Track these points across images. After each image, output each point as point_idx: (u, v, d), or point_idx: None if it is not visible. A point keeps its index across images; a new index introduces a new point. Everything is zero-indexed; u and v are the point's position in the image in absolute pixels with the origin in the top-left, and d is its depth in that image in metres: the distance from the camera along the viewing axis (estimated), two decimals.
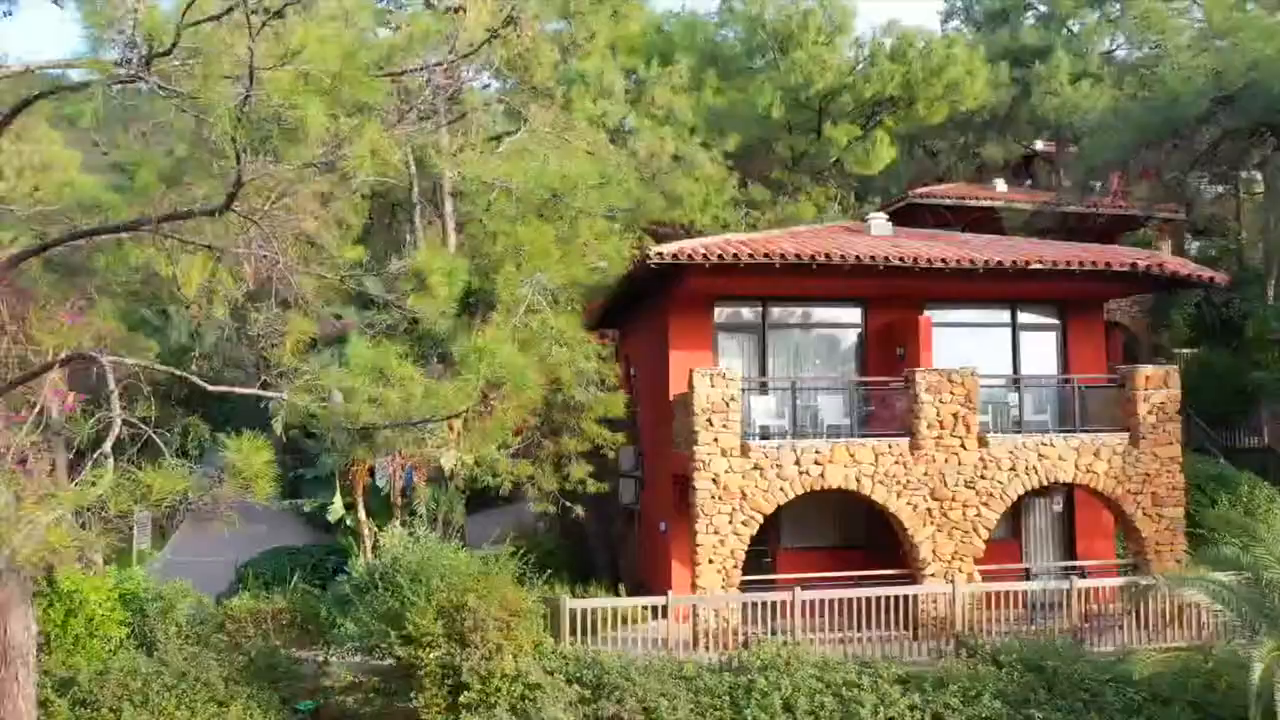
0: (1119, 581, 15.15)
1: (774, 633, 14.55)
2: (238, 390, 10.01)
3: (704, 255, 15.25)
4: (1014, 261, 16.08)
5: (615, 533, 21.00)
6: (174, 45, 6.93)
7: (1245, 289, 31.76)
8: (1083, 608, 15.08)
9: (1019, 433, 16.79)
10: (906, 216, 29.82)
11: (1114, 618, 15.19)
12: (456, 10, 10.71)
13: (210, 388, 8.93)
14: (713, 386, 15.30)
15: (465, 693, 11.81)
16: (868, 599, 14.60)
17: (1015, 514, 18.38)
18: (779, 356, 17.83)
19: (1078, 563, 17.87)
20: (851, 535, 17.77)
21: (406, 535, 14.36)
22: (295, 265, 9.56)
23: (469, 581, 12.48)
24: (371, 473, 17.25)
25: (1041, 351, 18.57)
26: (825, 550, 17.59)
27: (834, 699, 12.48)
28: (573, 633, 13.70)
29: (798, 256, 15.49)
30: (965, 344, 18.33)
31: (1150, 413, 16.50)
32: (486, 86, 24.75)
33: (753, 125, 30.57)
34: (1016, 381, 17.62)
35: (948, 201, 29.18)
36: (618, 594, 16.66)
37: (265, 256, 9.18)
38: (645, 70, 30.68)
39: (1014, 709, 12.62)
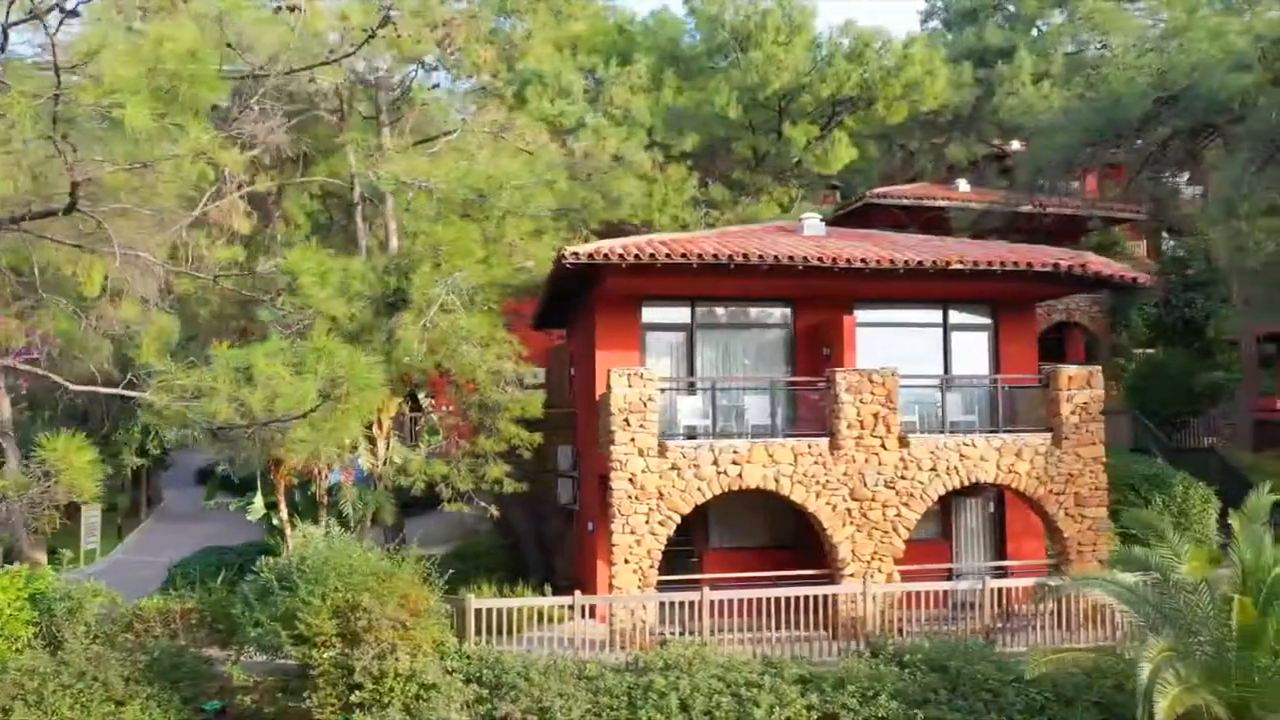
0: (1030, 582, 15.12)
1: (692, 633, 14.59)
2: (102, 390, 9.99)
3: (620, 255, 15.24)
4: (934, 262, 16.07)
5: (553, 532, 21.01)
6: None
7: (1212, 289, 31.83)
8: (996, 608, 15.07)
9: (951, 433, 16.80)
10: (865, 216, 29.94)
11: (1027, 618, 15.18)
12: (291, 9, 10.66)
13: (73, 387, 8.93)
14: (630, 386, 15.30)
15: (357, 692, 11.82)
16: (778, 599, 14.61)
17: (946, 514, 18.42)
18: (708, 356, 17.83)
19: (1005, 563, 17.91)
20: (780, 535, 17.78)
21: (320, 534, 14.35)
22: (165, 265, 9.55)
23: (368, 581, 12.47)
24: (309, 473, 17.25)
25: (974, 351, 18.57)
26: (753, 550, 17.62)
27: (731, 699, 12.48)
28: (480, 632, 13.70)
29: (715, 257, 15.49)
30: (896, 344, 18.37)
31: (1073, 413, 16.50)
32: (435, 86, 24.75)
33: (712, 125, 30.54)
34: (945, 381, 17.59)
35: (905, 202, 29.22)
36: (543, 594, 16.67)
37: (126, 255, 9.17)
38: (604, 70, 30.70)
39: (912, 709, 12.60)
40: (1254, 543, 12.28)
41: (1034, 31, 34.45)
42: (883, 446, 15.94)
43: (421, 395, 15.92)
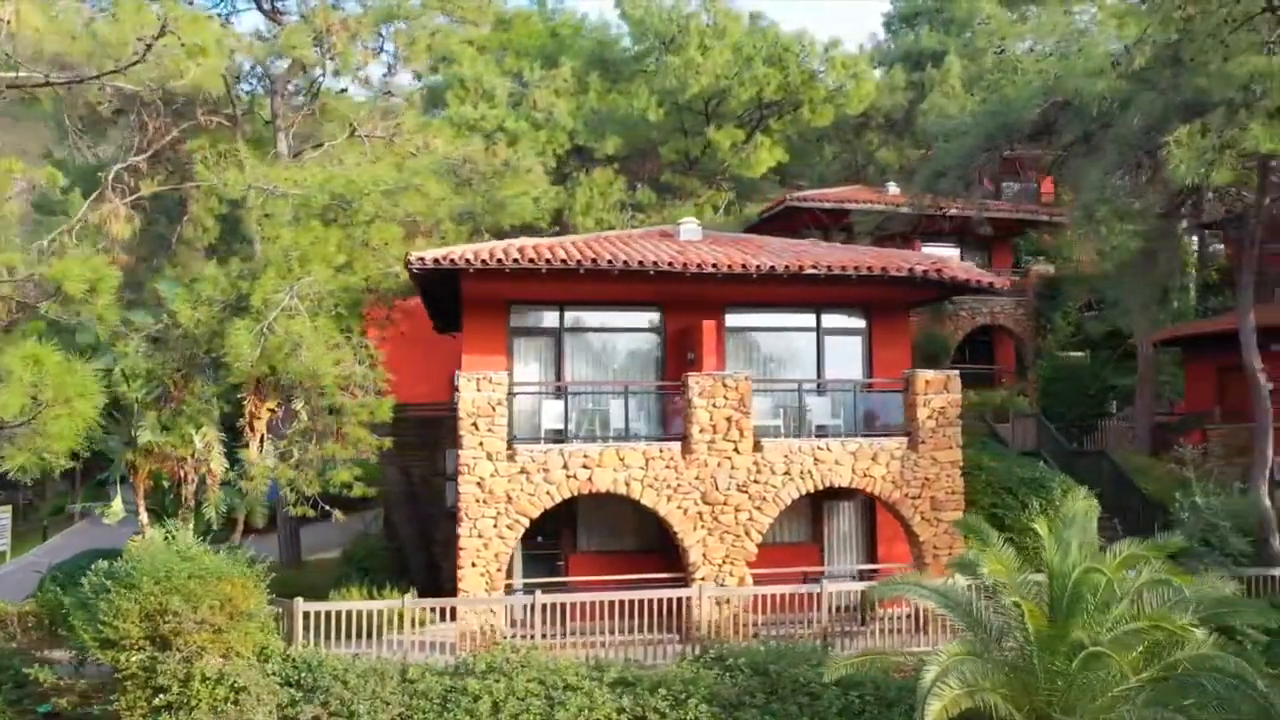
0: (861, 586, 15.19)
1: (541, 636, 14.71)
2: None
3: (467, 261, 15.34)
4: (786, 266, 16.16)
5: (443, 535, 21.08)
6: None
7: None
8: (835, 612, 15.15)
9: (819, 436, 16.91)
10: (789, 220, 30.03)
11: (865, 622, 15.27)
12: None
13: None
14: (478, 390, 15.39)
15: (162, 695, 11.91)
16: (617, 602, 14.69)
17: (817, 517, 18.50)
18: (579, 361, 17.91)
19: (874, 566, 17.97)
20: (647, 539, 17.82)
21: (161, 537, 14.43)
22: None
23: (188, 584, 12.55)
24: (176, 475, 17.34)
25: (849, 355, 18.64)
26: (620, 554, 17.68)
27: (544, 702, 12.57)
28: (310, 635, 13.77)
29: (564, 261, 15.58)
30: (771, 348, 18.52)
31: (930, 417, 16.57)
32: (344, 90, 24.86)
33: (637, 129, 30.71)
34: (802, 385, 17.68)
35: (826, 205, 29.24)
36: (419, 595, 16.80)
37: None
38: (530, 73, 30.84)
39: (726, 712, 12.71)
40: (1061, 548, 12.34)
41: (968, 34, 34.54)
42: (736, 450, 16.02)
43: (296, 400, 15.99)
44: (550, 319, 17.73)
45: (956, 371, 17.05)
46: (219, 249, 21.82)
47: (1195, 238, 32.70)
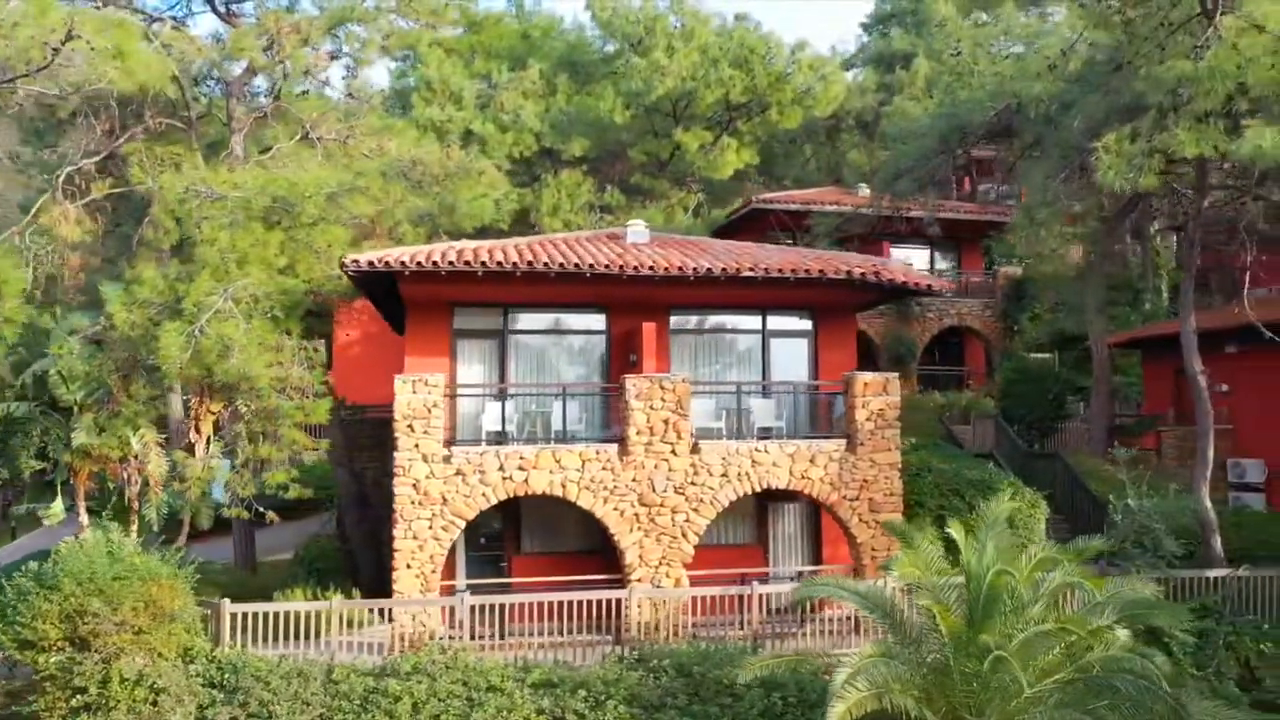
0: (788, 588, 15.22)
1: (476, 637, 14.79)
2: None
3: (401, 263, 15.39)
4: (723, 269, 16.21)
5: (390, 536, 21.12)
6: None
7: (1125, 293, 31.96)
8: (766, 613, 15.19)
9: (763, 439, 16.97)
10: (755, 221, 30.10)
11: (804, 623, 15.30)
12: None
13: None
14: (414, 393, 15.43)
15: (80, 696, 11.95)
16: (547, 603, 14.73)
17: (762, 519, 18.55)
18: (523, 363, 17.94)
19: (818, 567, 18.02)
20: (591, 540, 17.84)
21: (94, 538, 14.46)
22: None
23: (112, 586, 12.59)
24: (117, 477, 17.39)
25: (794, 357, 18.68)
26: (563, 555, 17.71)
27: (464, 703, 12.61)
28: (238, 636, 13.80)
29: (499, 264, 15.64)
30: (716, 350, 18.56)
31: (869, 419, 16.61)
32: (305, 92, 24.91)
33: (604, 131, 30.78)
34: (760, 387, 17.74)
35: (793, 207, 29.28)
36: (351, 596, 16.85)
37: None
38: (498, 75, 30.92)
39: (646, 713, 12.73)
40: (978, 550, 12.38)
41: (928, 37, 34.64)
42: (673, 452, 16.06)
43: (240, 401, 16.03)
44: (494, 321, 17.75)
45: (895, 374, 17.09)
46: (181, 250, 21.90)
47: (1174, 239, 32.78)
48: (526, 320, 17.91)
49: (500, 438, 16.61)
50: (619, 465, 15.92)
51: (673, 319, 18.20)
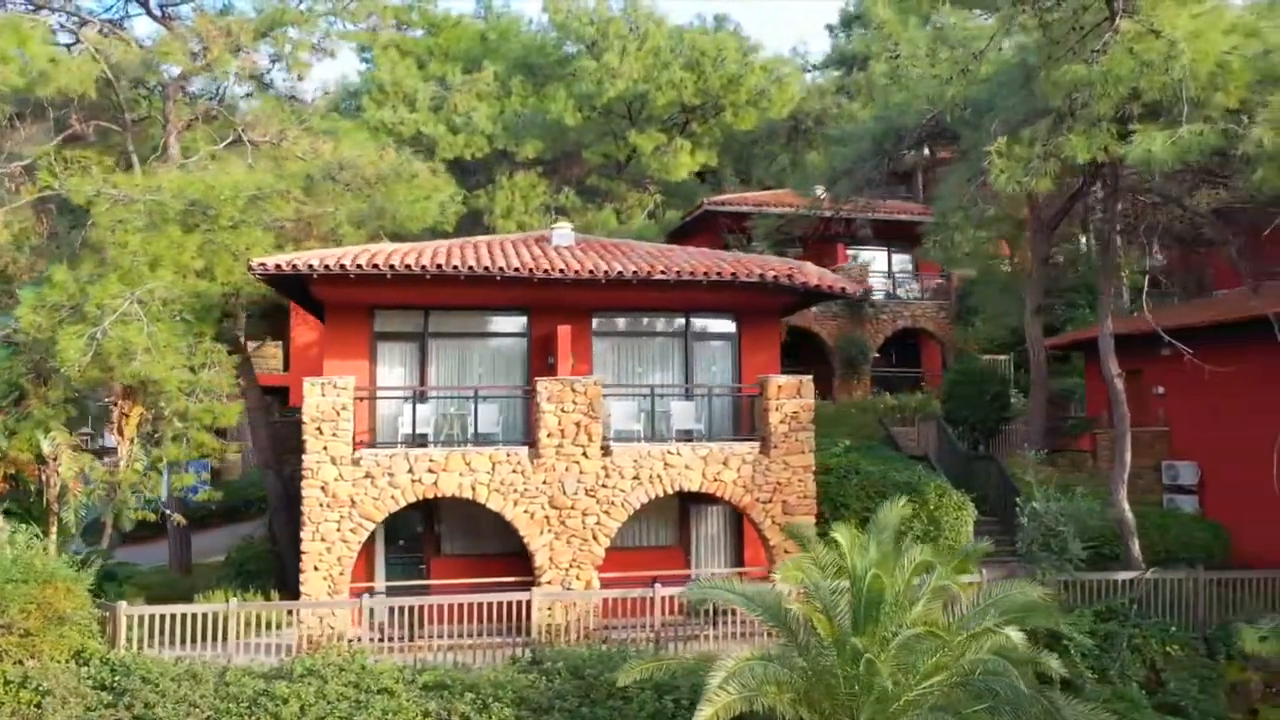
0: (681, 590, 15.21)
1: (392, 639, 14.90)
2: None
3: (310, 266, 15.44)
4: (634, 272, 16.25)
5: None
6: None
7: (1084, 294, 31.88)
8: (664, 615, 15.23)
9: (681, 441, 17.03)
10: (707, 224, 30.13)
11: (716, 624, 15.35)
12: None
13: None
14: (323, 395, 15.48)
15: None
16: (449, 605, 14.79)
17: (684, 521, 18.58)
18: (445, 365, 17.97)
19: (741, 569, 18.03)
20: (510, 542, 17.82)
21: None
22: None
23: (2, 589, 12.64)
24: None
25: (719, 360, 18.72)
26: (482, 558, 17.73)
27: (350, 705, 12.65)
28: (135, 638, 13.85)
29: (408, 267, 15.69)
30: (639, 352, 18.60)
31: (782, 422, 16.66)
32: (249, 94, 24.98)
33: (558, 132, 30.84)
34: (680, 389, 17.79)
35: (744, 209, 29.29)
36: (270, 598, 16.93)
37: None
38: (452, 77, 30.98)
39: (535, 715, 12.79)
40: (862, 554, 12.42)
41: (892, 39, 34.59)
42: (584, 455, 16.10)
43: (153, 404, 16.07)
44: (415, 324, 17.78)
45: (810, 376, 17.13)
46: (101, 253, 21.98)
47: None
48: (448, 323, 17.93)
49: (420, 440, 16.67)
50: (530, 468, 15.96)
51: (595, 322, 18.23)
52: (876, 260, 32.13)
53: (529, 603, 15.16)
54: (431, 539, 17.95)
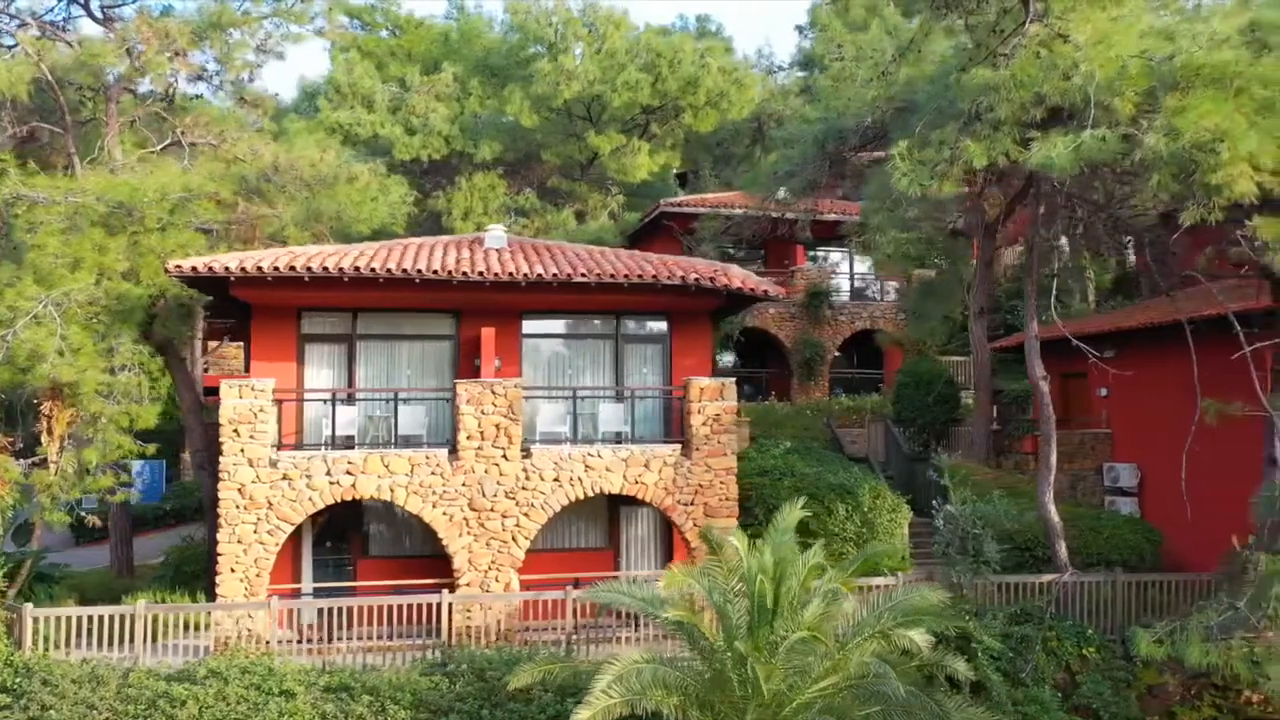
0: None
1: (310, 640, 14.98)
2: None
3: (226, 269, 15.47)
4: (554, 275, 16.28)
5: None
6: None
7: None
8: (578, 618, 15.27)
9: (606, 443, 17.06)
10: (664, 225, 30.14)
11: (637, 627, 15.39)
12: None
13: None
14: (240, 397, 15.52)
15: None
16: (364, 607, 14.84)
17: (614, 523, 18.62)
18: (374, 367, 18.00)
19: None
20: (437, 544, 17.87)
21: None
22: None
23: None
24: None
25: (650, 361, 18.75)
26: (409, 559, 17.80)
27: (248, 706, 12.69)
28: (39, 640, 13.90)
29: (325, 270, 15.71)
30: (570, 354, 18.64)
31: (705, 424, 16.69)
32: (198, 96, 25.02)
33: (516, 134, 30.87)
34: (618, 393, 17.83)
35: (702, 210, 29.29)
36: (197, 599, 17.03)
37: None
38: (412, 78, 31.01)
39: (433, 717, 12.84)
40: (758, 558, 12.44)
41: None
42: (504, 457, 16.14)
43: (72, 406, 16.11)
44: (343, 326, 17.81)
45: (732, 379, 17.15)
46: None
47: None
48: (376, 325, 17.95)
49: (347, 442, 16.72)
50: (449, 470, 15.99)
51: (526, 324, 18.27)
52: (844, 262, 32.17)
53: (449, 605, 15.19)
54: (359, 540, 17.98)
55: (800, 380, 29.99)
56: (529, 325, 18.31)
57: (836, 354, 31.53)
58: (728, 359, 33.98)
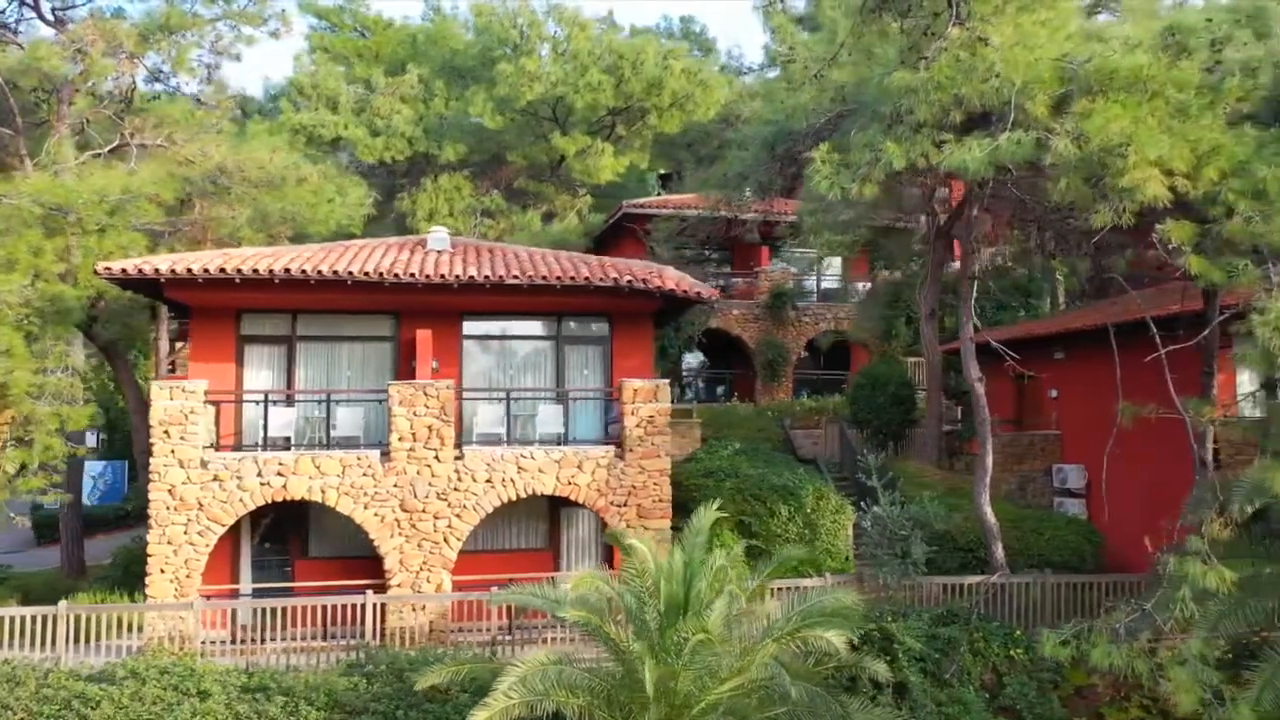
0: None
1: (243, 640, 15.07)
2: None
3: (155, 270, 15.53)
4: (485, 276, 16.35)
5: None
6: None
7: (1015, 296, 31.95)
8: (512, 619, 15.34)
9: (561, 444, 17.13)
10: (627, 226, 30.19)
11: (538, 627, 15.47)
12: None
13: None
14: (171, 399, 15.58)
15: None
16: (296, 608, 14.92)
17: (555, 524, 18.67)
18: (314, 369, 18.04)
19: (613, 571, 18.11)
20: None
21: None
22: None
23: None
24: None
25: (591, 363, 18.81)
26: (347, 560, 17.78)
27: (162, 707, 12.74)
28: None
29: (255, 272, 15.77)
30: (512, 355, 18.69)
31: (638, 425, 16.75)
32: (156, 98, 25.06)
33: (481, 135, 30.92)
34: (559, 394, 17.90)
35: (665, 211, 29.32)
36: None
37: None
38: (377, 80, 31.05)
39: (348, 717, 12.90)
40: (669, 560, 12.51)
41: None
42: (436, 458, 16.20)
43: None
44: (283, 327, 17.86)
45: (666, 381, 17.22)
46: None
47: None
48: (316, 326, 17.99)
49: (284, 443, 16.78)
50: (380, 471, 16.06)
51: (467, 325, 18.33)
52: (816, 264, 32.21)
53: (375, 606, 15.25)
54: (299, 541, 18.03)
55: (764, 381, 30.04)
56: (470, 327, 18.37)
57: (803, 355, 31.58)
58: (695, 360, 34.08)
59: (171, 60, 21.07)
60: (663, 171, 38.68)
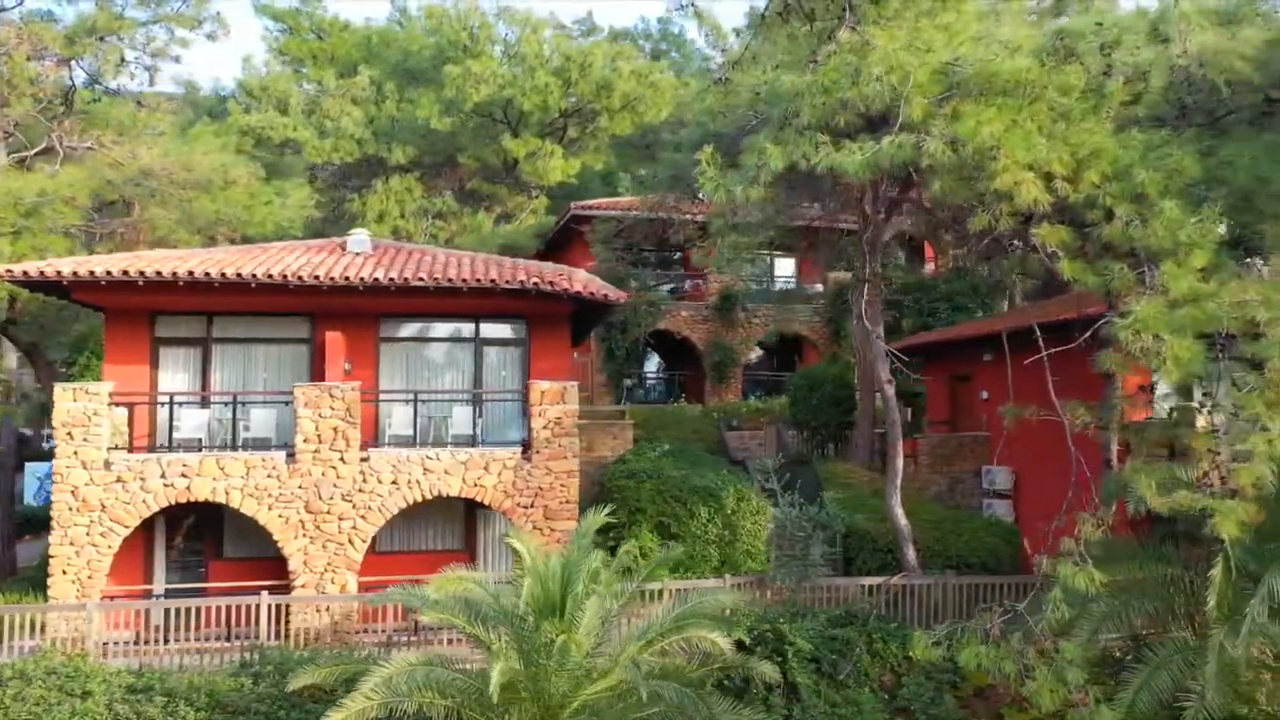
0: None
1: (147, 641, 15.17)
2: None
3: (57, 273, 15.61)
4: (391, 279, 16.41)
5: None
6: None
7: (972, 297, 31.97)
8: (415, 620, 15.42)
9: (472, 446, 17.20)
10: (578, 228, 30.25)
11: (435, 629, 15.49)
12: None
13: None
14: (74, 401, 15.66)
15: None
16: (194, 608, 15.01)
17: (471, 525, 18.73)
18: (229, 370, 18.11)
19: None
20: None
21: None
22: None
23: None
24: None
25: (509, 365, 18.88)
26: (261, 560, 17.83)
27: (41, 706, 12.81)
28: None
29: (158, 274, 15.84)
30: (429, 357, 18.76)
31: (545, 427, 16.82)
32: (97, 100, 25.14)
33: (431, 137, 31.00)
34: (474, 396, 17.99)
35: (613, 213, 29.37)
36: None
37: None
38: (329, 82, 31.12)
39: (229, 717, 12.97)
40: (544, 562, 12.58)
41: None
42: (342, 460, 16.27)
43: None
44: (199, 329, 17.93)
45: (574, 383, 17.29)
46: None
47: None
48: (232, 328, 18.06)
49: (196, 445, 16.87)
50: (285, 472, 16.13)
51: (383, 327, 18.40)
52: (785, 267, 32.28)
53: (270, 606, 15.31)
54: (214, 542, 18.11)
55: (713, 383, 30.11)
56: (387, 329, 18.44)
57: (757, 356, 31.64)
58: (653, 364, 34.17)
59: (101, 63, 21.09)
60: (643, 172, 38.76)
